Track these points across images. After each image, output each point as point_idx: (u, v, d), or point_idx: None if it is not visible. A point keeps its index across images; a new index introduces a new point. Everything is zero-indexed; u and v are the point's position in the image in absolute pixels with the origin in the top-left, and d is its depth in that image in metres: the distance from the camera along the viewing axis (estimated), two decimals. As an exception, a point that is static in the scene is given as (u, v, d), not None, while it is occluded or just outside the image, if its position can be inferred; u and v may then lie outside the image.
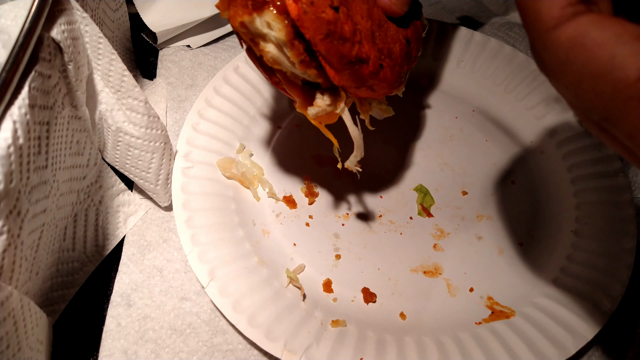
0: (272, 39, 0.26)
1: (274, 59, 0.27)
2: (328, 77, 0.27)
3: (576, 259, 0.38)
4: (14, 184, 0.23)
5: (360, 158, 0.32)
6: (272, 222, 0.40)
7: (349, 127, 0.31)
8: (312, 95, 0.30)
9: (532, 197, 0.42)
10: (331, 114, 0.30)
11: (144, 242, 0.39)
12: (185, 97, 0.47)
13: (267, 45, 0.26)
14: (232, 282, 0.34)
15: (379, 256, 0.39)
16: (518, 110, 0.46)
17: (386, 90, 0.30)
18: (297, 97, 0.30)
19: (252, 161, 0.42)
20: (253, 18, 0.25)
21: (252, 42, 0.27)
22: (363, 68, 0.27)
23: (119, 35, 0.44)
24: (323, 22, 0.24)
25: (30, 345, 0.25)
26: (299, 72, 0.28)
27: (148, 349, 0.34)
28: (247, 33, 0.26)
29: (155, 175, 0.37)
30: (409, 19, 0.33)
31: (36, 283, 0.29)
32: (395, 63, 0.30)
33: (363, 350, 0.33)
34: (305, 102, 0.30)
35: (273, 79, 0.30)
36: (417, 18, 0.34)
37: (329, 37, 0.25)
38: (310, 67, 0.26)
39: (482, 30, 0.54)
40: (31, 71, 0.25)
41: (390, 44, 0.30)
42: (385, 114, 0.35)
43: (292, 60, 0.26)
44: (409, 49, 0.32)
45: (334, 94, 0.30)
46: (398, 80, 0.31)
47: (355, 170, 0.33)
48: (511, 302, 0.36)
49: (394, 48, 0.30)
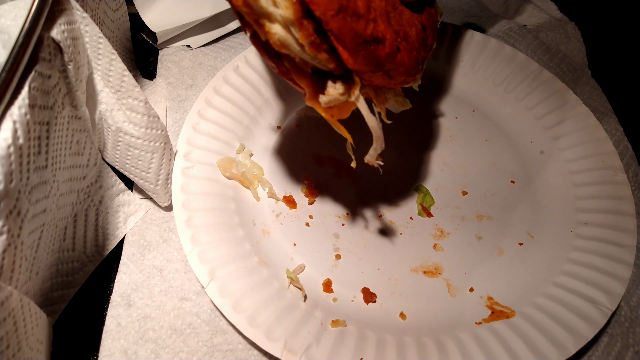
0: (279, 19, 0.23)
1: (280, 41, 0.24)
2: (341, 62, 0.25)
3: (576, 259, 0.38)
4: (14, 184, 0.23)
5: (380, 150, 0.30)
6: (272, 222, 0.40)
7: (366, 117, 0.28)
8: (322, 85, 0.27)
9: (532, 197, 0.42)
10: (344, 106, 0.28)
11: (144, 242, 0.39)
12: (185, 97, 0.47)
13: (273, 26, 0.24)
14: (232, 282, 0.34)
15: (379, 256, 0.39)
16: (518, 110, 0.46)
17: (403, 77, 0.28)
18: (306, 87, 0.27)
19: (252, 161, 0.42)
20: None
21: (257, 23, 0.25)
22: (379, 49, 0.25)
23: (119, 35, 0.44)
24: None
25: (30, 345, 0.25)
26: (309, 58, 0.25)
27: (148, 349, 0.34)
28: (250, 13, 0.24)
29: (155, 175, 0.37)
30: (423, 5, 0.31)
31: (36, 283, 0.29)
32: (412, 47, 0.28)
33: (363, 350, 0.33)
34: (316, 92, 0.27)
35: (280, 67, 0.28)
36: (431, 5, 0.32)
37: (342, 13, 0.23)
38: (321, 50, 0.24)
39: (482, 30, 0.54)
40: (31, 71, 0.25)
41: (406, 27, 0.28)
42: (402, 106, 0.32)
43: (301, 43, 0.24)
44: (425, 34, 0.30)
45: (347, 82, 0.27)
46: (416, 67, 0.29)
47: (376, 165, 0.30)
48: (511, 302, 0.36)
49: (410, 32, 0.28)
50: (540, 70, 0.46)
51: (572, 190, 0.41)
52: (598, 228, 0.38)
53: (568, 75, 0.52)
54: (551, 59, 0.52)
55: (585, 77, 0.52)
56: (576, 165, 0.42)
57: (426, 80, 0.49)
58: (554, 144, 0.44)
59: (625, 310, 0.38)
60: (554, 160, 0.43)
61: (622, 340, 0.36)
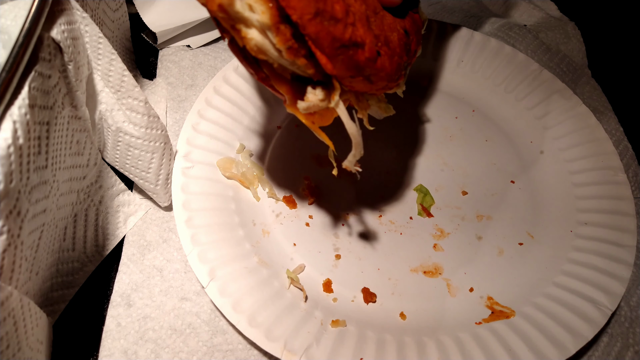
0: (255, 24, 0.23)
1: (258, 47, 0.24)
2: (320, 67, 0.24)
3: (576, 259, 0.38)
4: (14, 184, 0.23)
5: (359, 157, 0.29)
6: (272, 222, 0.40)
7: (346, 123, 0.27)
8: (302, 91, 0.27)
9: (532, 197, 0.42)
10: (325, 113, 0.27)
11: (144, 242, 0.39)
12: (185, 97, 0.47)
13: (249, 31, 0.23)
14: (232, 282, 0.34)
15: (379, 256, 0.39)
16: (518, 110, 0.46)
17: (385, 82, 0.28)
18: (286, 93, 0.27)
19: (252, 161, 0.42)
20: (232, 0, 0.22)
21: (233, 29, 0.24)
22: (358, 53, 0.24)
23: (119, 35, 0.44)
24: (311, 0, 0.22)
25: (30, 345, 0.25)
26: (287, 63, 0.25)
27: (148, 349, 0.34)
28: (226, 18, 0.23)
29: (155, 175, 0.37)
30: (406, 11, 0.30)
31: (36, 283, 0.29)
32: (393, 52, 0.27)
33: (363, 350, 0.33)
34: (295, 98, 0.27)
35: (259, 74, 0.27)
36: (415, 11, 0.32)
37: (319, 17, 0.22)
38: (299, 55, 0.24)
39: (482, 30, 0.54)
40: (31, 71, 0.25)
41: (387, 31, 0.27)
42: (385, 112, 0.32)
43: (278, 48, 0.23)
44: (407, 40, 0.29)
45: (327, 88, 0.26)
46: (397, 72, 0.28)
47: (354, 171, 0.30)
48: (511, 302, 0.36)
49: (392, 37, 0.27)
50: (540, 70, 0.46)
51: (572, 190, 0.41)
52: (598, 228, 0.38)
53: (568, 75, 0.52)
54: (551, 59, 0.52)
55: (585, 77, 0.52)
56: (576, 165, 0.42)
57: (426, 80, 0.49)
58: (554, 144, 0.44)
59: (625, 310, 0.38)
60: (554, 160, 0.43)
61: (622, 340, 0.36)
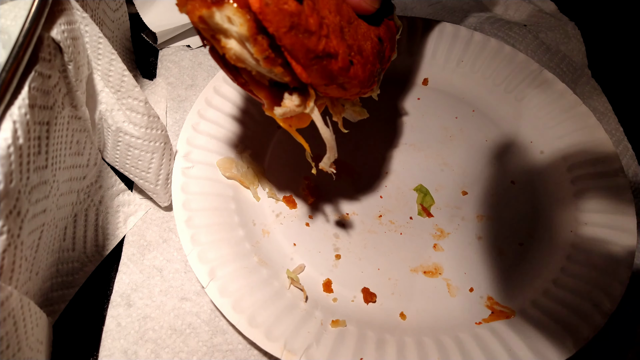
0: (234, 35, 0.24)
1: (237, 56, 0.25)
2: (295, 75, 0.26)
3: (576, 259, 0.38)
4: (14, 184, 0.23)
5: (334, 159, 0.31)
6: (272, 222, 0.40)
7: (320, 128, 0.29)
8: (280, 96, 0.28)
9: (532, 197, 0.42)
10: (302, 117, 0.29)
11: (144, 242, 0.39)
12: (185, 97, 0.47)
13: (228, 41, 0.25)
14: (232, 282, 0.34)
15: (379, 256, 0.39)
16: (518, 110, 0.46)
17: (358, 89, 0.29)
18: (264, 99, 0.28)
19: (252, 161, 0.42)
20: (212, 12, 0.23)
21: (214, 38, 0.25)
22: (332, 63, 0.26)
23: (119, 35, 0.44)
24: (286, 14, 0.23)
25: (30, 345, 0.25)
26: (265, 71, 0.26)
27: (148, 349, 0.34)
28: (207, 29, 0.25)
29: (155, 175, 0.37)
30: (381, 18, 0.31)
31: (36, 283, 0.29)
32: (366, 61, 0.29)
33: (363, 350, 0.33)
34: (273, 103, 0.28)
35: (239, 80, 0.29)
36: (390, 18, 0.33)
37: (293, 30, 0.23)
38: (275, 64, 0.25)
39: (482, 30, 0.54)
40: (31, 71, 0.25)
41: (361, 41, 0.29)
42: (359, 116, 0.34)
43: (256, 57, 0.25)
44: (381, 47, 0.31)
45: (303, 94, 0.28)
46: (370, 79, 0.29)
47: (330, 172, 0.32)
48: (511, 302, 0.36)
49: (365, 45, 0.29)
50: (540, 70, 0.46)
51: (572, 189, 0.41)
52: (598, 228, 0.38)
53: (568, 75, 0.52)
54: (551, 59, 0.52)
55: (585, 77, 0.52)
56: (576, 165, 0.42)
57: (426, 80, 0.49)
58: (554, 144, 0.44)
59: (625, 310, 0.38)
60: (553, 160, 0.43)
61: (622, 341, 0.36)
